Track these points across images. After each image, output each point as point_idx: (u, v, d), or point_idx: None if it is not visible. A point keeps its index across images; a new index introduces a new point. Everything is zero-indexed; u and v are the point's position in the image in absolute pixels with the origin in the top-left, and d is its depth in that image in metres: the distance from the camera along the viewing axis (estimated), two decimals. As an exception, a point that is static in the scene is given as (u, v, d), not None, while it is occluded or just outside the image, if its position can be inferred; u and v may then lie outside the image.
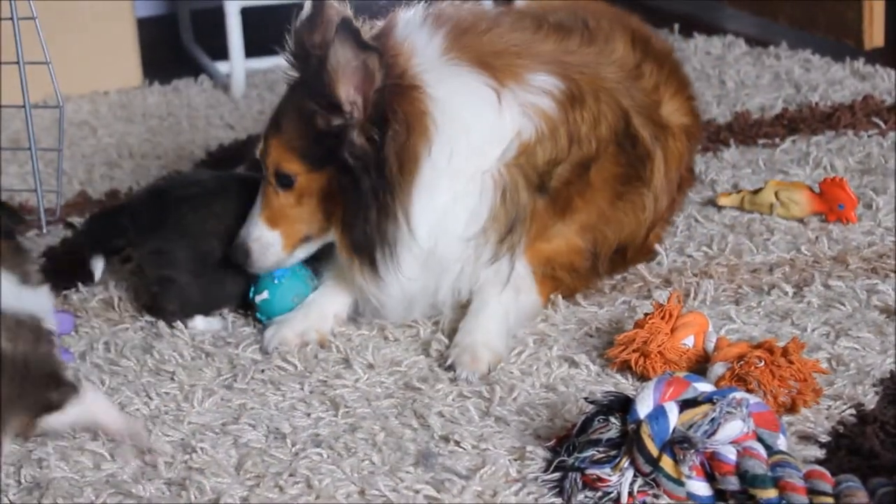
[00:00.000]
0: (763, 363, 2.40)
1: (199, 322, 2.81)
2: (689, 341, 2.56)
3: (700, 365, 2.52)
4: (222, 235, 2.79)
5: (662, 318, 2.56)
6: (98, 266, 2.86)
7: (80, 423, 2.39)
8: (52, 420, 2.36)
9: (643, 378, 2.51)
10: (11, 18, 3.09)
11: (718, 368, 2.44)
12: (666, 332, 2.54)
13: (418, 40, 2.67)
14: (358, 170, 2.62)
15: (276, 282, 2.78)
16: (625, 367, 2.56)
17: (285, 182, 2.69)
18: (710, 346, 2.54)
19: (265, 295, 2.79)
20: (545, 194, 2.73)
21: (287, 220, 2.72)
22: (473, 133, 2.65)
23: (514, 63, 2.72)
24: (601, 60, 2.87)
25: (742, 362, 2.41)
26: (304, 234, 2.74)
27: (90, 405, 2.38)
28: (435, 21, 2.72)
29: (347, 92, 2.59)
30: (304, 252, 2.77)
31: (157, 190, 2.95)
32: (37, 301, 2.39)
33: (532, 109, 2.69)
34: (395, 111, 2.60)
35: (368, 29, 2.70)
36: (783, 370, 2.39)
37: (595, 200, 2.82)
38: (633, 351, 2.54)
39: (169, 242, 2.81)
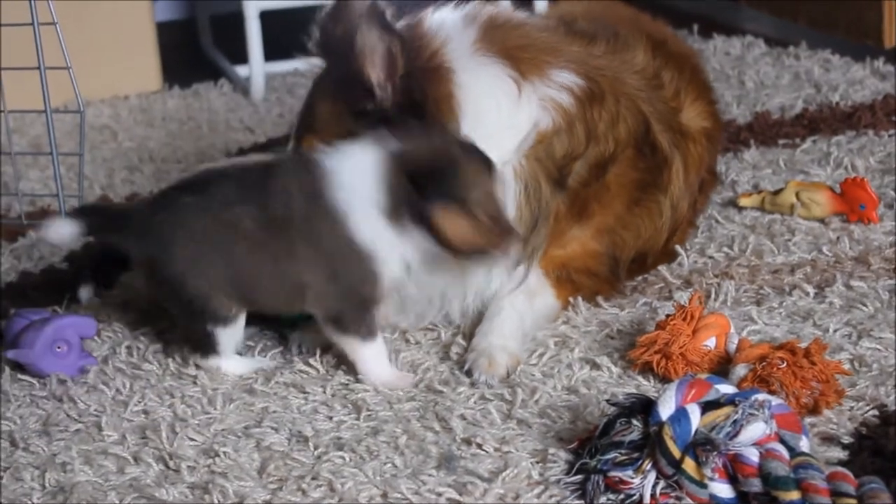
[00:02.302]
0: (785, 364, 2.39)
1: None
2: (711, 343, 2.55)
3: (722, 366, 2.51)
4: None
5: (684, 319, 2.56)
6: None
7: None
8: None
9: (665, 380, 2.51)
10: (32, 23, 3.10)
11: (740, 370, 2.44)
12: (687, 334, 2.54)
13: (452, 30, 2.71)
14: None
15: None
16: (646, 369, 2.56)
17: None
18: (732, 347, 2.53)
19: None
20: (564, 192, 2.73)
21: None
22: (490, 121, 2.66)
23: (539, 58, 2.74)
24: (624, 68, 2.89)
25: (764, 364, 2.41)
26: None
27: None
28: (469, 15, 2.76)
29: (378, 76, 2.59)
30: None
31: None
32: None
33: (550, 103, 2.71)
34: (426, 94, 2.62)
35: (396, 21, 2.71)
36: (805, 371, 2.39)
37: (612, 204, 2.81)
38: (655, 352, 2.53)
39: None
